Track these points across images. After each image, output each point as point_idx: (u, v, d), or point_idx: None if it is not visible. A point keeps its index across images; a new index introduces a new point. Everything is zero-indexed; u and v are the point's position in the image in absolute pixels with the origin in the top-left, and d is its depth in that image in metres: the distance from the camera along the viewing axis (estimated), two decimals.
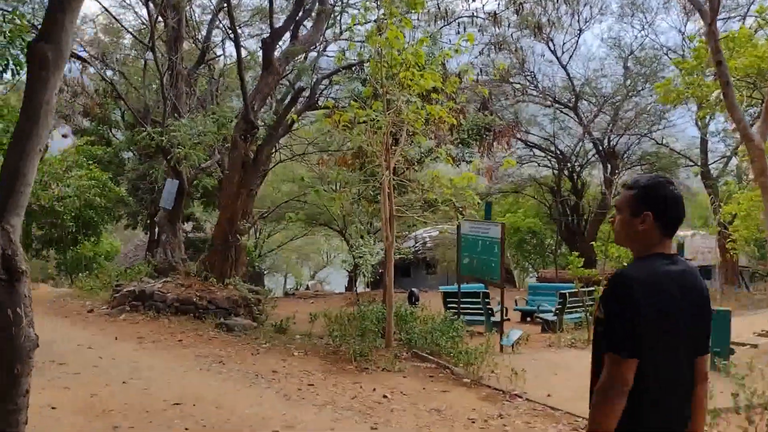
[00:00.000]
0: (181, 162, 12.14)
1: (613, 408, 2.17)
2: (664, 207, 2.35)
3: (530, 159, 26.93)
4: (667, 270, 2.30)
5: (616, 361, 2.18)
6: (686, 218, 17.72)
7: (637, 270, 2.29)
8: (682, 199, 2.40)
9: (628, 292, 2.20)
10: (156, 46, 13.04)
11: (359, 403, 6.83)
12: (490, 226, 11.51)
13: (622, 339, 2.19)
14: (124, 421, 5.82)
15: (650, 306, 2.19)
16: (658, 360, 2.23)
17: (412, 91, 9.23)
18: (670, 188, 2.38)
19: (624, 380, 2.16)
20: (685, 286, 2.31)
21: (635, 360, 2.17)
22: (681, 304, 2.28)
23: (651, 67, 23.10)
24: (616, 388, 2.17)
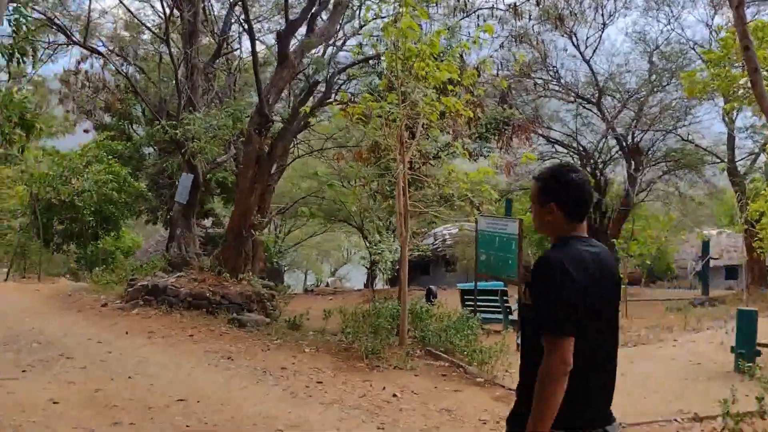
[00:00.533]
0: (196, 156, 12.05)
1: (558, 388, 2.21)
2: (567, 196, 2.43)
3: (552, 155, 26.48)
4: (585, 251, 2.37)
5: (554, 341, 2.22)
6: (712, 216, 17.28)
7: (559, 252, 2.36)
8: (586, 184, 2.46)
9: (554, 272, 2.27)
10: (173, 40, 12.97)
11: (368, 402, 6.65)
12: (508, 223, 11.25)
13: (557, 319, 2.23)
14: (126, 417, 5.70)
15: (577, 285, 2.26)
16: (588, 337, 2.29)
17: (428, 83, 9.00)
18: (572, 176, 2.45)
19: (566, 359, 2.21)
20: (602, 266, 2.39)
21: (572, 339, 2.22)
22: (601, 283, 2.35)
23: (677, 62, 22.53)
24: (560, 368, 2.21)
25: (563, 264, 2.28)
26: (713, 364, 8.61)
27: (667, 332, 12.06)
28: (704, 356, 9.15)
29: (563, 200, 2.44)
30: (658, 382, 7.79)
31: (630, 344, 10.87)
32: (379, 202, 12.91)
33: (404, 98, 9.21)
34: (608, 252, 2.50)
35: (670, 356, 9.48)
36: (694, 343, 10.46)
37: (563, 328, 2.23)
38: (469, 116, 9.64)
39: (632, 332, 12.55)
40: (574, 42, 22.79)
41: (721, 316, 13.45)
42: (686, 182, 25.64)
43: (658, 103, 23.44)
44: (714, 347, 9.34)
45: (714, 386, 7.49)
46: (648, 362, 9.10)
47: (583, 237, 2.45)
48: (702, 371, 8.35)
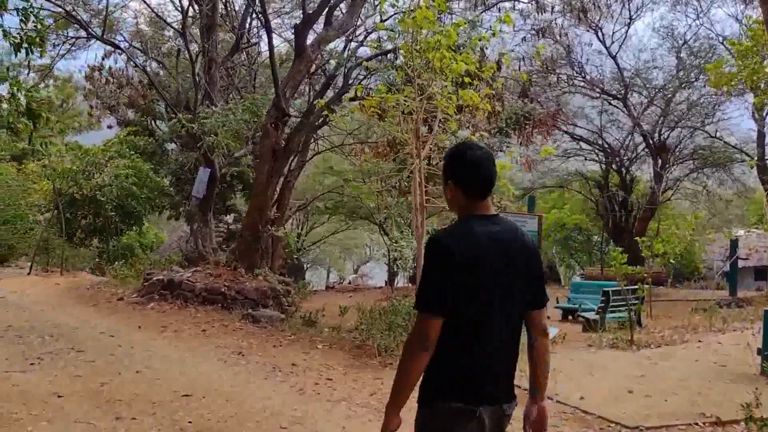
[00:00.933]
0: (213, 150, 11.98)
1: (415, 363, 2.28)
2: (464, 172, 2.42)
3: (577, 152, 26.07)
4: (483, 230, 2.35)
5: (421, 318, 2.28)
6: (742, 216, 16.76)
7: (451, 232, 2.38)
8: (484, 161, 2.44)
9: (434, 252, 2.30)
10: (192, 35, 12.91)
11: (376, 401, 6.48)
12: (527, 219, 10.96)
13: (429, 297, 2.28)
14: (128, 412, 5.60)
15: (464, 264, 2.26)
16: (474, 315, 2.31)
17: (445, 75, 8.79)
18: (468, 153, 2.45)
19: (426, 336, 2.25)
20: (505, 244, 2.37)
21: (439, 319, 2.25)
22: (501, 261, 2.34)
23: (706, 58, 21.99)
24: (418, 344, 2.27)
25: (445, 243, 2.30)
26: (738, 366, 8.28)
27: (691, 333, 11.70)
28: (729, 358, 8.82)
29: (459, 178, 2.43)
30: (680, 384, 7.50)
31: (653, 345, 10.55)
32: (396, 198, 12.72)
33: (421, 91, 9.02)
34: (515, 229, 2.49)
35: (694, 357, 9.16)
36: (720, 344, 10.11)
37: (429, 307, 2.28)
38: (487, 110, 9.40)
39: (656, 333, 12.22)
40: (600, 37, 22.39)
41: (748, 317, 13.04)
42: (714, 180, 25.07)
43: (685, 100, 22.93)
44: (740, 349, 8.98)
45: (738, 389, 7.18)
46: (670, 363, 8.80)
47: (485, 215, 2.43)
48: (726, 374, 8.03)
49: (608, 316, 13.60)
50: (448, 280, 2.27)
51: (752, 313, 14.04)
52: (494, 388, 2.40)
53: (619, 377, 7.91)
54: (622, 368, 8.48)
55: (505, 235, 2.41)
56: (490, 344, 2.36)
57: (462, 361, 2.32)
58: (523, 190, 26.49)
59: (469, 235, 2.34)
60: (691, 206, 26.42)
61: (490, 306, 2.34)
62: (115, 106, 24.93)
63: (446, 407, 2.32)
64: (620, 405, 6.59)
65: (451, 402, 2.32)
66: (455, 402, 2.32)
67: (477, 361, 2.34)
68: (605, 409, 6.38)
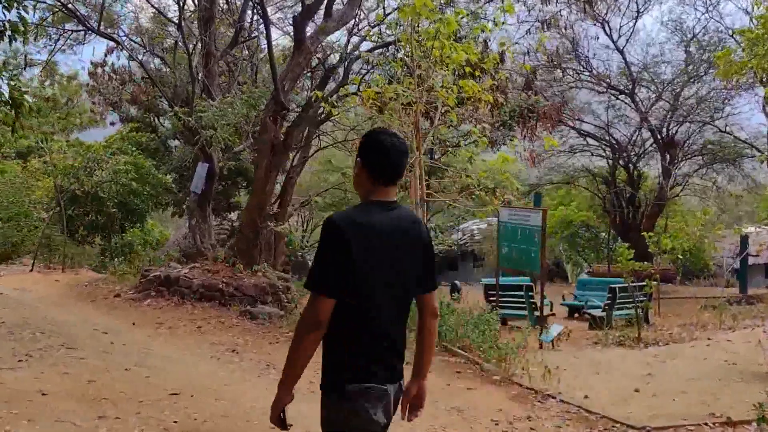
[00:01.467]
0: (211, 144, 11.78)
1: (306, 343, 2.31)
2: (374, 156, 2.47)
3: (583, 148, 25.74)
4: (381, 215, 2.41)
5: (312, 299, 2.32)
6: (752, 212, 16.38)
7: (348, 214, 2.42)
8: (394, 148, 2.48)
9: (329, 233, 2.33)
10: (191, 28, 12.71)
11: None
12: (531, 214, 10.75)
13: (321, 278, 2.31)
14: (113, 410, 5.40)
15: (359, 246, 2.31)
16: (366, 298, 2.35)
17: (445, 65, 8.56)
18: (384, 138, 2.50)
19: (317, 317, 2.29)
20: (401, 230, 2.44)
21: (331, 300, 2.29)
22: (396, 246, 2.41)
23: (715, 52, 21.62)
24: (309, 325, 2.30)
25: (341, 225, 2.33)
26: (749, 365, 8.02)
27: (700, 331, 11.45)
28: (740, 356, 8.56)
29: (367, 160, 2.49)
30: (689, 383, 7.25)
31: (660, 342, 10.31)
32: (398, 193, 12.47)
33: (421, 82, 8.79)
34: (412, 217, 2.56)
35: (703, 356, 8.91)
36: (730, 342, 9.85)
37: (321, 287, 2.30)
38: (489, 101, 9.17)
39: (664, 330, 11.97)
40: (607, 31, 22.06)
41: (759, 314, 12.77)
42: (724, 176, 24.70)
43: (694, 94, 22.57)
44: (751, 347, 8.72)
45: (749, 388, 6.93)
46: (679, 361, 8.56)
47: (387, 201, 2.48)
48: (737, 372, 7.77)
49: (615, 314, 13.35)
50: (343, 261, 2.30)
51: (763, 310, 13.77)
52: (395, 366, 2.48)
53: (626, 376, 7.67)
54: (628, 366, 8.24)
55: (402, 222, 2.47)
56: (387, 325, 2.43)
57: (365, 342, 2.36)
58: (530, 187, 26.22)
59: (365, 219, 2.38)
60: (700, 203, 26.04)
61: (386, 288, 2.40)
62: (118, 103, 24.82)
63: (359, 389, 2.34)
64: (626, 404, 6.35)
65: (363, 383, 2.35)
66: (367, 383, 2.35)
67: (379, 342, 2.39)
68: (610, 409, 6.15)
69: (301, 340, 2.34)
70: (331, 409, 2.43)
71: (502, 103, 11.43)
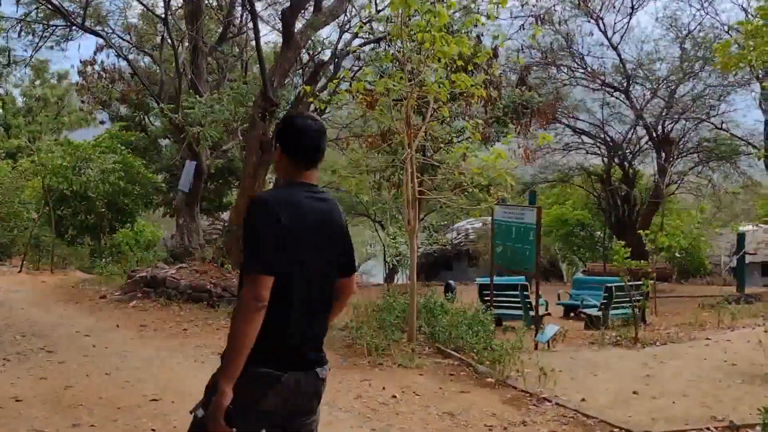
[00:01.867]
0: (198, 142, 11.52)
1: (250, 324, 2.22)
2: (290, 138, 2.50)
3: (578, 146, 25.54)
4: (306, 197, 2.42)
5: (251, 278, 2.25)
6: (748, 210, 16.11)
7: (275, 194, 2.50)
8: (313, 132, 2.50)
9: (258, 211, 2.32)
10: (177, 22, 12.43)
11: (362, 404, 6.02)
12: (525, 211, 10.51)
13: (258, 257, 2.27)
14: (89, 417, 5.16)
15: (280, 225, 2.30)
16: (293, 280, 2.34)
17: (436, 58, 8.31)
18: (300, 121, 2.53)
19: (259, 296, 2.23)
20: (321, 213, 2.45)
21: (271, 277, 2.26)
22: (316, 228, 2.42)
23: (710, 48, 21.44)
24: (252, 304, 2.23)
25: (268, 203, 2.33)
26: (750, 365, 7.81)
27: (698, 330, 11.24)
28: (740, 356, 8.35)
29: (286, 144, 2.50)
30: (689, 385, 7.03)
31: (658, 342, 10.09)
32: (388, 190, 12.24)
33: (411, 76, 8.55)
34: (333, 205, 2.56)
35: (702, 356, 8.69)
36: (729, 342, 9.64)
37: (258, 265, 2.26)
38: (482, 96, 8.92)
39: (661, 330, 11.76)
40: (601, 27, 21.85)
41: (758, 313, 12.57)
42: (720, 174, 24.53)
43: (689, 91, 22.39)
44: (751, 347, 8.51)
45: (752, 390, 6.73)
46: (678, 362, 8.33)
47: (309, 184, 2.48)
48: (738, 373, 7.56)
49: (611, 313, 13.14)
50: (275, 238, 2.28)
51: (762, 309, 13.57)
52: (308, 352, 2.42)
53: (624, 377, 7.44)
54: (626, 368, 8.01)
55: (324, 206, 2.48)
56: (305, 309, 2.38)
57: (275, 326, 2.29)
58: (525, 185, 26.03)
59: (292, 200, 2.38)
60: (696, 201, 25.87)
61: (307, 271, 2.38)
62: (107, 101, 24.54)
63: (253, 373, 2.28)
64: (625, 408, 6.12)
65: (258, 367, 2.29)
66: (262, 367, 2.30)
67: (290, 326, 2.35)
68: (608, 413, 5.91)
69: (245, 323, 2.23)
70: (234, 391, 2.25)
71: (496, 98, 11.19)
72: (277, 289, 2.28)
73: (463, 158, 9.48)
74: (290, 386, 2.34)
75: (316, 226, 2.41)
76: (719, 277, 25.32)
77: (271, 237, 2.27)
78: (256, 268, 2.26)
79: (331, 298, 2.54)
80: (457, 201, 10.26)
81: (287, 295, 2.32)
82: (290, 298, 2.34)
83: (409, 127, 8.82)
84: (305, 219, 2.37)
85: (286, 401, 2.35)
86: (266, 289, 2.24)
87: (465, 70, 8.97)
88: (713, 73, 21.14)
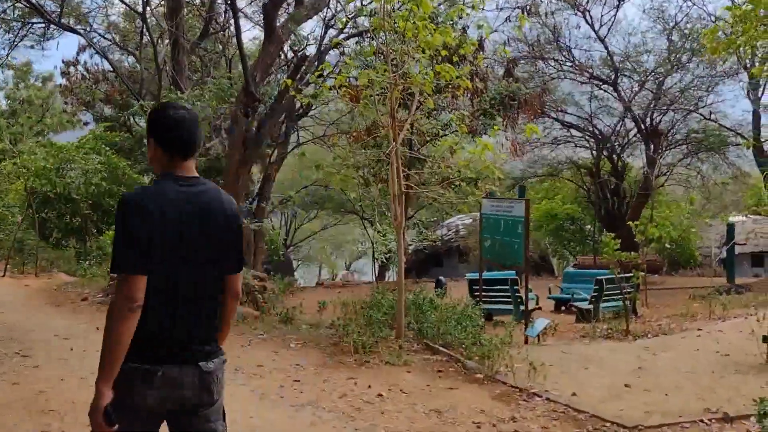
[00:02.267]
0: None
1: (123, 325, 2.19)
2: (164, 131, 2.42)
3: (567, 140, 25.43)
4: (180, 190, 2.35)
5: (122, 279, 2.22)
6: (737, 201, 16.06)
7: (144, 189, 2.38)
8: (186, 122, 2.43)
9: (127, 209, 2.27)
10: (158, 18, 12.18)
11: (346, 404, 5.83)
12: (514, 204, 10.36)
13: (128, 256, 2.22)
14: (59, 423, 4.96)
15: (151, 221, 2.24)
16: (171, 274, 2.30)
17: (420, 49, 8.13)
18: (172, 112, 2.45)
19: (131, 297, 2.20)
20: (203, 206, 2.38)
21: (143, 277, 2.23)
22: (196, 223, 2.35)
23: (698, 40, 21.35)
24: (124, 305, 2.19)
25: (137, 200, 2.28)
26: (743, 355, 7.69)
27: (690, 321, 11.13)
28: (733, 347, 8.24)
29: (158, 136, 2.43)
30: (682, 377, 6.90)
31: (650, 335, 9.97)
32: (378, 187, 12.03)
33: (395, 67, 8.37)
34: (218, 198, 2.47)
35: (695, 347, 8.57)
36: (721, 333, 9.53)
37: (128, 265, 2.22)
38: (467, 87, 8.75)
39: (652, 322, 11.65)
40: (588, 20, 21.73)
41: (749, 303, 12.49)
42: (709, 165, 24.50)
43: (677, 83, 22.31)
44: (743, 337, 8.39)
45: (745, 380, 6.60)
46: (670, 354, 8.21)
47: (185, 176, 2.41)
48: (731, 363, 7.44)
49: (602, 306, 13.02)
50: (145, 235, 2.23)
51: (752, 299, 13.49)
52: (187, 347, 2.36)
53: (615, 371, 7.30)
54: (618, 361, 7.87)
55: (205, 198, 2.40)
56: (181, 305, 2.34)
57: (150, 321, 2.26)
58: (514, 180, 25.90)
59: (163, 194, 2.31)
60: (686, 192, 25.84)
61: (181, 266, 2.33)
62: (91, 102, 24.24)
63: (128, 368, 2.24)
64: (617, 402, 5.97)
65: (131, 362, 2.24)
66: (135, 362, 2.26)
67: (166, 321, 2.31)
68: (600, 407, 5.76)
69: (118, 325, 2.19)
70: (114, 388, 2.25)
71: (482, 90, 11.01)
72: (151, 286, 2.24)
73: (452, 152, 9.30)
74: (168, 381, 2.30)
75: (192, 219, 2.34)
76: (709, 268, 25.29)
77: (141, 235, 2.22)
78: (126, 269, 2.22)
79: (217, 292, 2.48)
80: (445, 195, 10.09)
81: (161, 291, 2.28)
82: (164, 294, 2.29)
83: (394, 120, 8.63)
84: (178, 213, 2.31)
85: (165, 397, 2.31)
86: (139, 289, 2.21)
87: (450, 62, 8.79)
88: (701, 64, 21.09)
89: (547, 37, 21.29)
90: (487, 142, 8.33)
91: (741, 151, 22.57)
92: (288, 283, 19.28)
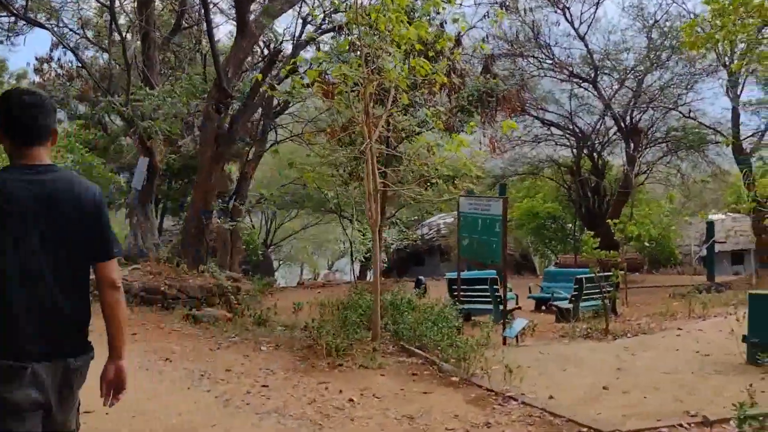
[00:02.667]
0: (150, 137, 10.97)
1: None
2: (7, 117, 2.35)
3: (547, 138, 25.34)
4: (22, 178, 2.29)
5: None
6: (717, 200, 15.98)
7: None
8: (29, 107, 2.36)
9: None
10: (127, 12, 11.86)
11: (315, 410, 5.60)
12: (491, 202, 10.17)
13: None
14: None
15: None
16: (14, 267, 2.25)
17: (393, 42, 7.92)
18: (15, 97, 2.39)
19: None
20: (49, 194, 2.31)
21: None
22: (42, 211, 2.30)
23: (677, 38, 21.32)
24: None
25: None
26: (723, 354, 7.58)
27: (670, 320, 11.04)
28: (713, 346, 8.13)
29: (3, 123, 2.36)
30: (661, 378, 6.75)
31: (629, 334, 9.84)
32: (351, 184, 11.82)
33: (368, 62, 8.14)
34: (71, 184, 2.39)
35: (675, 346, 8.45)
36: (701, 331, 9.43)
37: None
38: (444, 83, 8.55)
39: (632, 321, 11.55)
40: (568, 17, 21.62)
41: (729, 302, 12.43)
42: (688, 163, 24.53)
43: (657, 80, 22.29)
44: (723, 336, 8.29)
45: (726, 381, 6.47)
46: (650, 354, 8.08)
47: (30, 164, 2.34)
48: (711, 363, 7.32)
49: (582, 305, 12.89)
50: None
51: (732, 297, 13.45)
52: (49, 341, 2.32)
53: (594, 372, 7.14)
54: (597, 361, 7.71)
55: (53, 185, 2.33)
56: (37, 298, 2.30)
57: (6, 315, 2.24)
58: (495, 178, 25.78)
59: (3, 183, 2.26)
60: (666, 190, 25.86)
61: (29, 257, 2.27)
62: (65, 100, 23.76)
63: None
64: (594, 404, 5.80)
65: None
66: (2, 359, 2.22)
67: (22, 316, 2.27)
68: (577, 410, 5.59)
69: None
70: None
71: (460, 87, 10.82)
72: None
73: (428, 150, 9.10)
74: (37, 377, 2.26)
75: (39, 208, 2.28)
76: (690, 266, 25.36)
77: None
78: None
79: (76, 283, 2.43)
80: (423, 193, 9.90)
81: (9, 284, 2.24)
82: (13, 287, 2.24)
83: (368, 117, 8.41)
84: (18, 202, 2.24)
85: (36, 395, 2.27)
86: None
87: (426, 57, 8.58)
88: (680, 62, 21.06)
89: (527, 35, 21.18)
90: (462, 138, 8.12)
91: (720, 149, 22.58)
92: (267, 284, 19.00)
